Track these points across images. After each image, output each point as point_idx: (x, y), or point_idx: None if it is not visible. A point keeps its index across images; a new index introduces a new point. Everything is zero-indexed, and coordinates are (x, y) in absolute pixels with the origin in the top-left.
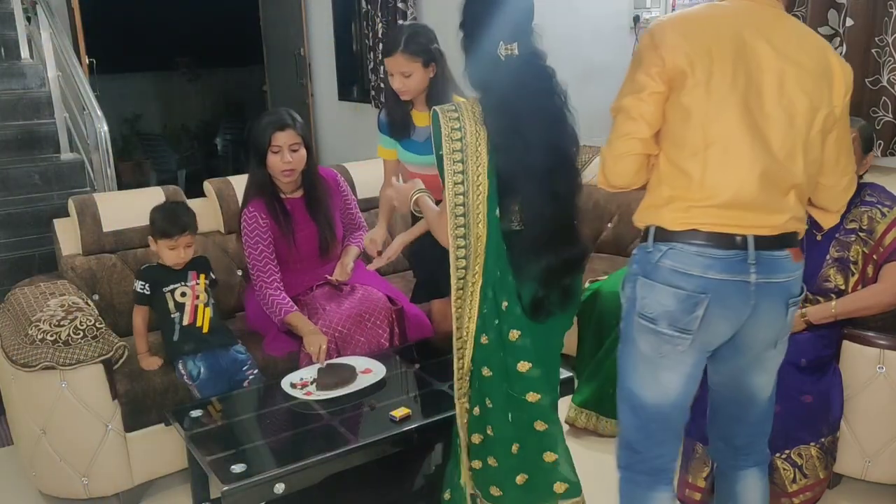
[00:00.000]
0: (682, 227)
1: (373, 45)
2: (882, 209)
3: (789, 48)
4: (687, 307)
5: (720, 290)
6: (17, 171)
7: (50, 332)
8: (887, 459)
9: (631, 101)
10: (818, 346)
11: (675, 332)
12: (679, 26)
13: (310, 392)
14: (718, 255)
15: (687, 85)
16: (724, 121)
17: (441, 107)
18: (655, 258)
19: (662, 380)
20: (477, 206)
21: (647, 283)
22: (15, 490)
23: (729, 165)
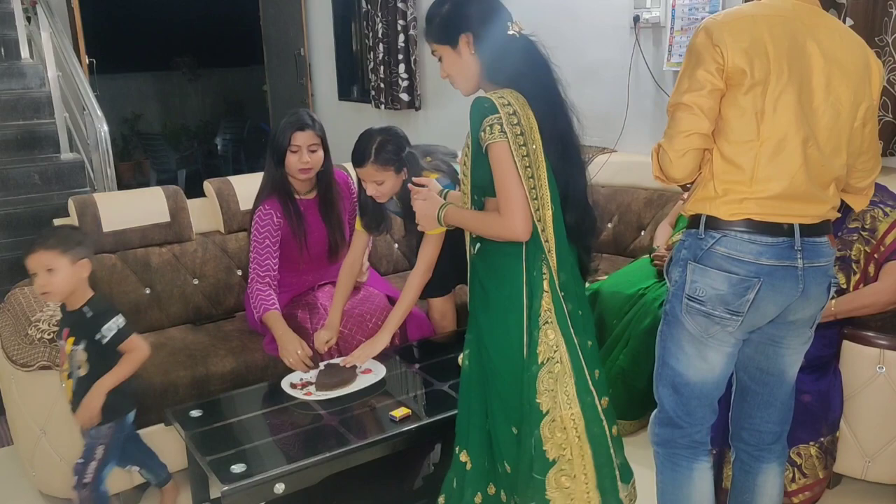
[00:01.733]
0: (735, 216)
1: (373, 45)
2: (884, 209)
3: (834, 46)
4: (739, 291)
5: (771, 274)
6: (17, 171)
7: (49, 331)
8: (887, 459)
9: (693, 98)
10: (818, 345)
11: (726, 313)
12: (737, 25)
13: (310, 392)
14: (769, 241)
15: (745, 83)
16: (779, 119)
17: (488, 94)
18: (708, 244)
19: (709, 358)
20: (542, 190)
21: (698, 268)
22: (15, 490)
23: (782, 161)
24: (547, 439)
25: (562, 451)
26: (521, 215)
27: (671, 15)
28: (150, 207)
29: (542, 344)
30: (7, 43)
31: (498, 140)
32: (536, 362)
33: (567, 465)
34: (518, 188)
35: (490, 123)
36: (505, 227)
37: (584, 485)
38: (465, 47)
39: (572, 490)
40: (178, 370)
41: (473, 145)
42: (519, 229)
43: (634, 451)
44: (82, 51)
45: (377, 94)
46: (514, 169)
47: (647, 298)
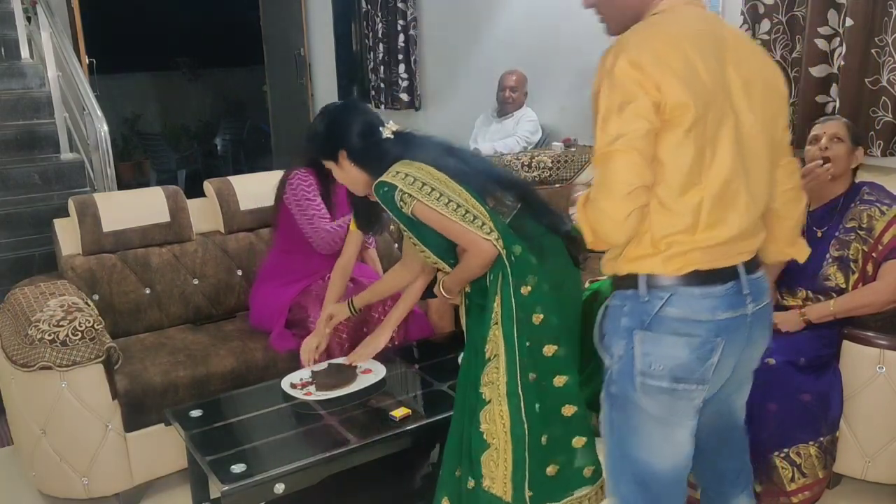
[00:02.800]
0: (681, 271)
1: (373, 45)
2: (881, 207)
3: (746, 59)
4: (703, 354)
5: (729, 329)
6: (17, 171)
7: (49, 332)
8: (887, 459)
9: (628, 143)
10: (817, 345)
11: (692, 384)
12: (665, 49)
13: (310, 392)
14: (720, 292)
15: (688, 119)
16: (722, 155)
17: (381, 178)
18: (655, 307)
19: (678, 439)
20: (476, 210)
21: (649, 336)
22: (15, 490)
23: (728, 202)
24: (482, 423)
25: (492, 439)
26: (478, 239)
27: None
28: (150, 207)
29: (490, 342)
30: (7, 43)
31: (414, 202)
32: (484, 357)
33: (494, 453)
34: (457, 223)
35: (399, 197)
36: (478, 257)
37: (503, 473)
38: (345, 160)
39: (495, 475)
40: (178, 370)
41: (406, 223)
42: (486, 249)
43: None
44: (82, 51)
45: (377, 94)
46: (441, 214)
47: None
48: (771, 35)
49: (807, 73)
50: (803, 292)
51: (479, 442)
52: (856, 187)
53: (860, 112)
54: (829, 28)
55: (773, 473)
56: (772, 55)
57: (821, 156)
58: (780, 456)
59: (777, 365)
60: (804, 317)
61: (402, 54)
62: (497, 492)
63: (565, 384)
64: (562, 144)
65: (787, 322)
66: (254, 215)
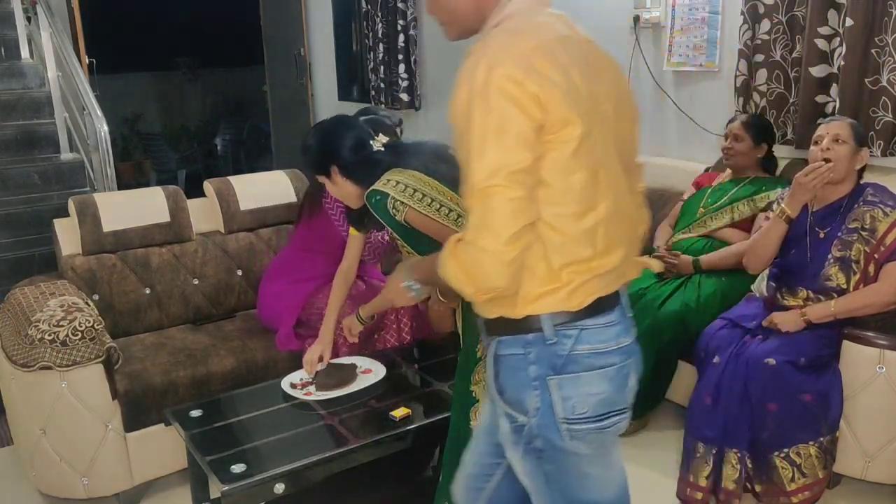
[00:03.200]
0: (587, 301)
1: (373, 45)
2: (884, 209)
3: (608, 77)
4: (620, 383)
5: (633, 353)
6: (17, 171)
7: (49, 332)
8: (887, 459)
9: (511, 177)
10: (818, 345)
11: (616, 416)
12: (542, 60)
13: (310, 392)
14: (617, 318)
15: (574, 138)
16: (610, 174)
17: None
18: (566, 347)
19: (615, 463)
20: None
21: (566, 380)
22: (15, 490)
23: (618, 223)
24: (472, 420)
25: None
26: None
27: (671, 15)
28: (150, 207)
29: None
30: (7, 43)
31: (406, 209)
32: (476, 357)
33: None
34: (449, 228)
35: (392, 205)
36: None
37: None
38: (336, 175)
39: None
40: (178, 370)
41: (399, 230)
42: None
43: (634, 451)
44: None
45: (377, 94)
46: (433, 219)
47: (646, 298)
48: (771, 35)
49: (807, 73)
50: (804, 292)
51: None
52: (859, 188)
53: (860, 112)
54: (829, 28)
55: (773, 473)
56: (772, 55)
57: (822, 157)
58: (780, 456)
59: (777, 365)
60: (804, 317)
61: (402, 54)
62: None
63: None
64: None
65: (787, 322)
66: (254, 215)
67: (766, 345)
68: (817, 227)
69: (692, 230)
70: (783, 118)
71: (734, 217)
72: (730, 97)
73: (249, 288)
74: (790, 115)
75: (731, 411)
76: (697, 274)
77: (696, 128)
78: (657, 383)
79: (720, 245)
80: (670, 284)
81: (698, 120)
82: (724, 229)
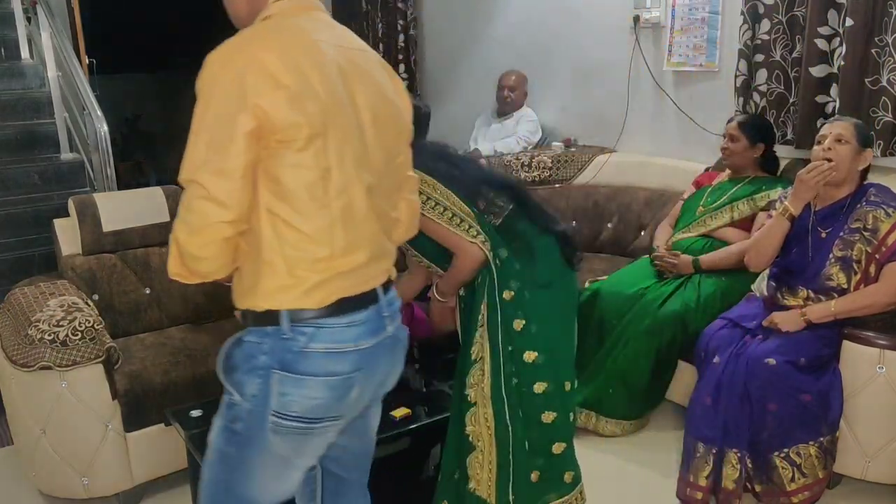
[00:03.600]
0: (328, 301)
1: (373, 45)
2: (887, 209)
3: (378, 86)
4: (341, 393)
5: (371, 358)
6: (17, 171)
7: (49, 332)
8: (887, 459)
9: (212, 177)
10: (818, 345)
11: (328, 422)
12: (274, 62)
13: None
14: (363, 318)
15: (300, 138)
16: (346, 174)
17: None
18: (300, 344)
19: (292, 478)
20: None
21: (290, 378)
22: (15, 490)
23: (360, 223)
24: (468, 426)
25: (477, 441)
26: (463, 242)
27: (671, 15)
28: (150, 207)
29: (476, 344)
30: (7, 43)
31: None
32: (470, 359)
33: (480, 455)
34: (443, 227)
35: None
36: (466, 259)
37: (487, 475)
38: None
39: (480, 478)
40: (178, 370)
41: None
42: (472, 252)
43: (634, 451)
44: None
45: None
46: (427, 217)
47: (646, 298)
48: (771, 35)
49: (807, 73)
50: (804, 292)
51: (466, 444)
52: (863, 188)
53: (860, 112)
54: (829, 28)
55: (773, 473)
56: (772, 55)
57: (823, 157)
58: (780, 456)
59: (777, 365)
60: (805, 316)
61: (402, 54)
62: (482, 494)
63: (545, 391)
64: (562, 144)
65: (787, 322)
66: None
67: (766, 345)
68: (819, 226)
69: (692, 229)
70: (783, 118)
71: (734, 216)
72: (730, 97)
73: None
74: (790, 115)
75: (731, 411)
76: (697, 274)
77: (696, 128)
78: (657, 383)
79: (720, 245)
80: (670, 284)
81: (698, 120)
82: (724, 229)
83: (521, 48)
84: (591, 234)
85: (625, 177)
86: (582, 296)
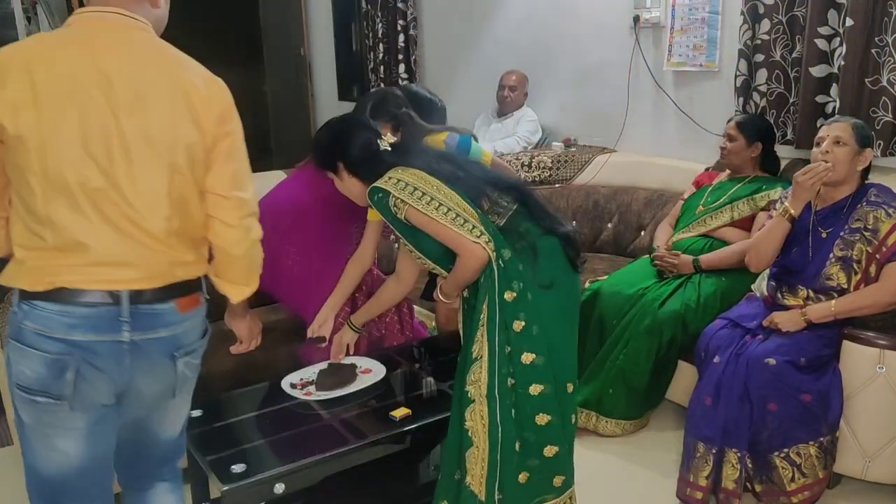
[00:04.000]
0: (45, 286)
1: (373, 45)
2: (887, 209)
3: (133, 73)
4: (55, 372)
5: (89, 351)
6: None
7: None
8: (887, 459)
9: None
10: (818, 345)
11: (49, 399)
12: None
13: (310, 392)
14: (84, 313)
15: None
16: (63, 174)
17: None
18: (18, 318)
19: (59, 447)
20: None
21: (16, 347)
22: (15, 490)
23: (88, 227)
24: (467, 421)
25: (475, 437)
26: (467, 243)
27: (671, 15)
28: None
29: (477, 342)
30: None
31: (406, 207)
32: (471, 357)
33: (476, 451)
34: (447, 227)
35: (393, 203)
36: (469, 260)
37: (480, 472)
38: (343, 172)
39: (474, 473)
40: None
41: (401, 229)
42: (478, 254)
43: (634, 451)
44: None
45: None
46: (430, 217)
47: (646, 298)
48: (771, 35)
49: (807, 73)
50: (804, 291)
51: (465, 439)
52: (863, 189)
53: (860, 112)
54: (829, 28)
55: (773, 473)
56: (772, 55)
57: (821, 159)
58: (780, 456)
59: (777, 365)
60: (805, 316)
61: (402, 54)
62: (475, 489)
63: (541, 393)
64: (562, 144)
65: (788, 321)
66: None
67: (767, 345)
68: (820, 226)
69: (692, 229)
70: (783, 118)
71: (734, 216)
72: (730, 97)
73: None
74: (790, 115)
75: (731, 411)
76: (697, 274)
77: (696, 128)
78: (657, 383)
79: (720, 245)
80: (670, 284)
81: (698, 120)
82: (724, 228)
83: (521, 48)
84: (591, 234)
85: (625, 177)
86: (582, 296)
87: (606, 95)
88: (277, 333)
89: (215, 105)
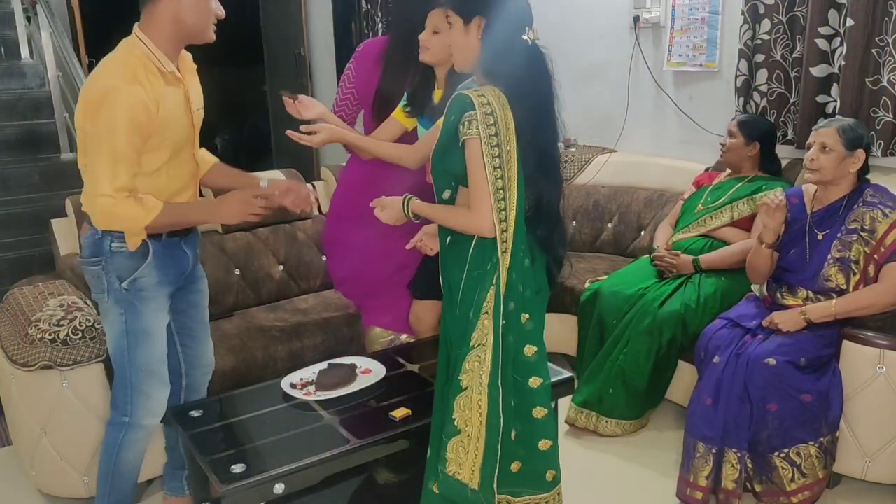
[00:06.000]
0: None
1: None
2: (884, 210)
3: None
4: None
5: None
6: (17, 171)
7: (49, 331)
8: (887, 459)
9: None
10: (818, 345)
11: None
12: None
13: (310, 392)
14: None
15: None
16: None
17: (469, 91)
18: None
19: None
20: (510, 192)
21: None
22: (15, 490)
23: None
24: (456, 410)
25: (465, 426)
26: (488, 212)
27: (671, 15)
28: None
29: (478, 330)
30: (7, 43)
31: (473, 136)
32: (468, 345)
33: (465, 439)
34: (484, 185)
35: (469, 119)
36: (472, 221)
37: (472, 461)
38: (475, 29)
39: (463, 462)
40: None
41: (447, 136)
42: (486, 225)
43: (634, 451)
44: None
45: None
46: (484, 167)
47: (646, 298)
48: (771, 35)
49: (807, 73)
50: (803, 292)
51: (450, 427)
52: (859, 189)
53: (860, 112)
54: (829, 28)
55: (773, 473)
56: (772, 55)
57: (808, 165)
58: (780, 456)
59: (777, 365)
60: (805, 316)
61: None
62: (464, 478)
63: (540, 386)
64: (562, 144)
65: (788, 321)
66: None
67: (767, 345)
68: (816, 228)
69: (692, 229)
70: (784, 118)
71: (734, 215)
72: (730, 97)
73: (248, 287)
74: (791, 115)
75: (731, 411)
76: (697, 274)
77: (696, 128)
78: (657, 383)
79: (720, 245)
80: (670, 284)
81: (698, 120)
82: (724, 228)
83: None
84: (591, 234)
85: (625, 177)
86: (582, 296)
87: (606, 95)
88: (278, 333)
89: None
